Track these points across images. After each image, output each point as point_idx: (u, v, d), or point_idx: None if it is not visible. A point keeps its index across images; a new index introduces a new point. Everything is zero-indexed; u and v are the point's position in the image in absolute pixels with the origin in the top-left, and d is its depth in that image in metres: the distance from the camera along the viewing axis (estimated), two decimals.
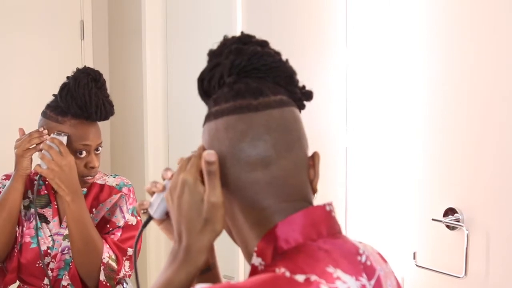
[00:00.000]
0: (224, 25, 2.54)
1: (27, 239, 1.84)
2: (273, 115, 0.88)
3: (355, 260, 0.86)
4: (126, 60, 3.29)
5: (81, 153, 1.78)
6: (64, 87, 1.79)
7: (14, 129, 3.28)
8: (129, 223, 1.89)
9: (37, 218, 1.84)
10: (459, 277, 1.70)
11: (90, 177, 1.81)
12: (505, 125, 1.61)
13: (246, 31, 0.95)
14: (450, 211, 1.74)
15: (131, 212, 1.91)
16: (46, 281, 1.84)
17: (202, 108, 0.99)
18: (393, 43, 1.91)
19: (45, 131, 1.78)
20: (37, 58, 3.23)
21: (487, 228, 1.65)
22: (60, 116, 1.78)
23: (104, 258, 1.79)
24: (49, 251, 1.84)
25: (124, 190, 1.94)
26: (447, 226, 1.75)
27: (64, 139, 1.74)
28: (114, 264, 1.81)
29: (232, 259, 2.47)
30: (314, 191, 0.92)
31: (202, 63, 0.98)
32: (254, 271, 0.86)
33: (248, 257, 0.90)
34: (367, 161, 2.00)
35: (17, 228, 1.85)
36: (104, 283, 1.79)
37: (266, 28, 2.24)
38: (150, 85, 3.06)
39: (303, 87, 0.94)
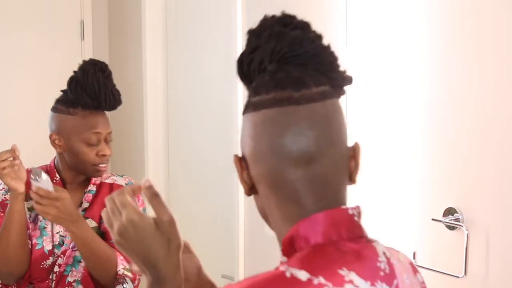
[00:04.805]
0: (224, 25, 2.54)
1: (33, 240, 1.85)
2: (316, 109, 0.86)
3: (374, 266, 0.84)
4: (126, 60, 3.29)
5: (91, 142, 1.82)
6: (72, 80, 1.83)
7: (15, 129, 3.29)
8: None
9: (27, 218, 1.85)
10: (458, 277, 1.70)
11: (102, 165, 1.85)
12: (505, 125, 1.61)
13: (247, 30, 0.95)
14: (449, 211, 1.74)
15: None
16: (51, 275, 1.85)
17: (202, 109, 1.00)
18: (393, 43, 1.91)
19: (15, 146, 1.78)
20: (37, 58, 3.23)
21: (487, 228, 1.65)
22: (71, 108, 1.82)
23: (119, 270, 1.82)
24: (55, 250, 1.85)
25: None
26: (447, 226, 1.75)
27: (44, 177, 1.71)
28: (129, 274, 1.84)
29: (232, 259, 2.47)
30: (353, 182, 0.91)
31: (202, 63, 0.98)
32: None
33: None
34: (367, 161, 1.99)
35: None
36: None
37: None
38: (150, 85, 3.06)
39: (344, 71, 0.91)
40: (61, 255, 1.85)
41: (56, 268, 1.85)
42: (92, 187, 1.92)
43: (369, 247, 0.86)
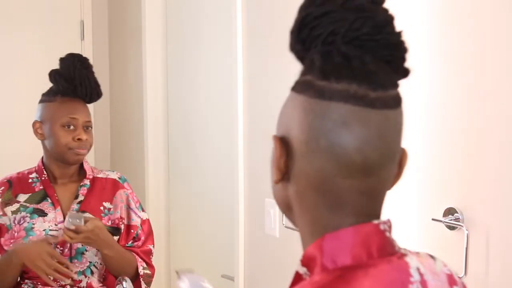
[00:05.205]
0: (224, 25, 2.54)
1: (19, 242, 1.90)
2: (389, 117, 0.75)
3: None
4: (126, 60, 3.29)
5: (69, 126, 1.91)
6: (52, 70, 1.97)
7: (15, 129, 3.29)
8: (143, 218, 2.06)
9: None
10: (459, 277, 1.70)
11: (80, 150, 1.91)
12: (506, 125, 1.61)
13: (246, 31, 0.92)
14: (449, 211, 1.74)
15: (140, 208, 2.07)
16: None
17: (202, 108, 0.98)
18: None
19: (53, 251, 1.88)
20: (37, 58, 3.23)
21: (487, 228, 1.65)
22: (52, 96, 1.94)
23: (140, 271, 1.97)
24: None
25: (126, 185, 2.06)
26: (447, 226, 1.75)
27: (77, 216, 1.83)
28: (148, 272, 2.01)
29: (232, 259, 2.47)
30: (389, 188, 0.83)
31: (202, 63, 0.96)
32: (298, 279, 0.79)
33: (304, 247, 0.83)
34: None
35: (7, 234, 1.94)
36: None
37: (267, 28, 2.24)
38: (150, 85, 3.06)
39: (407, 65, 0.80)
40: (58, 246, 1.91)
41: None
42: (86, 181, 2.00)
43: (401, 265, 0.77)
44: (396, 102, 0.76)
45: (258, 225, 2.33)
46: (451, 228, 1.74)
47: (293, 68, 0.94)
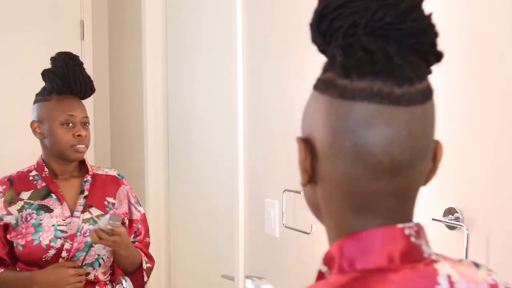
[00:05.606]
0: (224, 25, 2.54)
1: (29, 237, 1.90)
2: (416, 114, 0.71)
3: None
4: (126, 60, 3.29)
5: (68, 124, 1.94)
6: (45, 70, 2.02)
7: (14, 129, 3.29)
8: (142, 213, 2.14)
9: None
10: None
11: (80, 146, 1.96)
12: (505, 124, 1.61)
13: (247, 30, 0.92)
14: (449, 211, 1.74)
15: (138, 203, 2.15)
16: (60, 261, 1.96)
17: (202, 108, 0.98)
18: None
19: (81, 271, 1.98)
20: (37, 58, 3.22)
21: (487, 228, 1.65)
22: (46, 95, 1.98)
23: (144, 266, 2.05)
24: (51, 244, 1.92)
25: (125, 181, 2.13)
26: (447, 226, 1.75)
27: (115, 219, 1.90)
28: (149, 265, 2.09)
29: (232, 259, 2.47)
30: (424, 185, 0.79)
31: (202, 63, 0.96)
32: (320, 277, 0.77)
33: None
34: None
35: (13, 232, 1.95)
36: (146, 281, 2.09)
37: (267, 28, 2.24)
38: (150, 85, 3.06)
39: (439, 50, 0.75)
40: (67, 240, 1.93)
41: (64, 254, 1.93)
42: (88, 177, 2.05)
43: (427, 272, 0.73)
44: (424, 96, 0.72)
45: (258, 225, 2.33)
46: (451, 228, 1.74)
47: (293, 68, 0.94)
